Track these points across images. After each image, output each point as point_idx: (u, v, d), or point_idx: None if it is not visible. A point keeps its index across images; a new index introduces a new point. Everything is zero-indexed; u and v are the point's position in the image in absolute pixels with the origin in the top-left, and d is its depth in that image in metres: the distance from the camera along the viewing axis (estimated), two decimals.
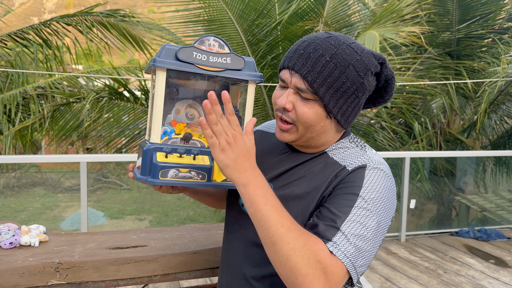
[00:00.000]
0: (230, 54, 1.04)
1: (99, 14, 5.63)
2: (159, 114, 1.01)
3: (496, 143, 6.89)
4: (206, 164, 1.02)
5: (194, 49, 1.00)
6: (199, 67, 1.00)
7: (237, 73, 1.05)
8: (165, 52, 0.99)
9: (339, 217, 0.91)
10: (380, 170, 0.99)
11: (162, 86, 1.00)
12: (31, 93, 5.31)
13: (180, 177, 1.00)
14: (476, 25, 6.63)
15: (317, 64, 0.95)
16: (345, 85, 0.96)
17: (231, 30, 5.87)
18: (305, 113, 0.98)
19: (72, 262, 1.29)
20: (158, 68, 0.99)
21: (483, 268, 3.97)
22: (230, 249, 1.15)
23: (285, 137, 1.02)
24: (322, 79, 0.95)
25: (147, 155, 1.00)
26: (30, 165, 7.10)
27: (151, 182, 0.99)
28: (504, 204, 5.75)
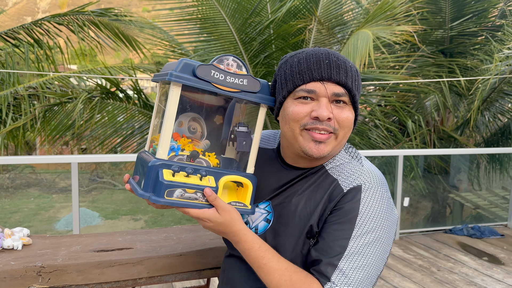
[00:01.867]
0: (247, 76, 1.03)
1: (91, 13, 5.59)
2: (169, 129, 0.98)
3: (490, 140, 6.91)
4: (212, 186, 1.00)
5: (212, 67, 0.99)
6: (216, 86, 0.99)
7: (252, 95, 1.04)
8: (183, 67, 0.97)
9: (337, 253, 0.94)
10: (375, 190, 1.00)
11: (175, 101, 0.97)
12: (22, 93, 5.27)
13: (185, 197, 0.97)
14: (469, 22, 6.64)
15: (348, 70, 0.99)
16: (360, 87, 1.05)
17: (224, 28, 5.85)
18: (349, 117, 1.01)
19: (55, 265, 1.27)
20: (173, 83, 0.96)
21: (477, 266, 3.98)
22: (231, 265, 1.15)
23: (323, 150, 1.01)
24: (355, 84, 1.01)
25: (152, 171, 0.96)
26: (25, 166, 7.06)
27: (154, 201, 0.95)
28: (498, 201, 5.77)
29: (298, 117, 1.00)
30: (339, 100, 1.00)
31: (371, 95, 6.81)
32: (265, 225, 1.08)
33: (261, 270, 0.96)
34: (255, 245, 0.98)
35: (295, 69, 1.01)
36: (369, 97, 6.77)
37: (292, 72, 1.01)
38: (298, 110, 1.00)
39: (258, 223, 1.09)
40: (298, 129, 1.01)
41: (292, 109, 1.01)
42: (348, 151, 1.11)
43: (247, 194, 1.07)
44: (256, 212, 1.11)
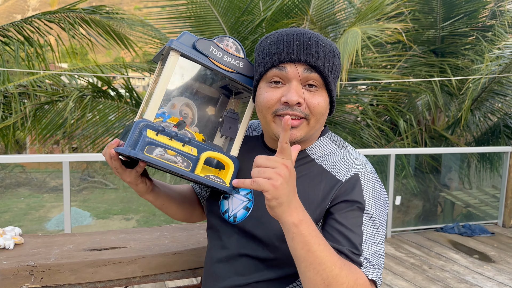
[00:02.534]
0: (244, 60, 1.05)
1: (82, 11, 5.54)
2: (161, 93, 0.98)
3: (480, 139, 6.97)
4: (194, 154, 0.99)
5: (212, 44, 1.01)
6: (212, 62, 1.00)
7: (246, 79, 1.05)
8: (185, 37, 0.99)
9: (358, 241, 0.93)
10: (370, 175, 1.01)
11: (171, 68, 0.98)
12: (12, 91, 5.22)
13: (165, 158, 0.96)
14: (460, 23, 6.69)
15: (319, 50, 0.96)
16: (337, 69, 1.01)
17: (216, 27, 5.84)
18: (320, 103, 0.97)
19: (48, 264, 1.26)
20: (172, 50, 0.97)
21: (468, 263, 4.01)
22: (213, 259, 1.12)
23: (294, 135, 0.98)
24: (327, 64, 0.96)
25: (136, 128, 0.94)
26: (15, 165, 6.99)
27: (134, 154, 0.93)
28: (488, 200, 5.82)
29: (269, 103, 0.98)
30: (311, 84, 0.97)
31: (363, 94, 6.84)
32: (244, 213, 1.05)
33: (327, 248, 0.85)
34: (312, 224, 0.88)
35: (266, 51, 0.99)
36: (361, 96, 6.79)
37: (263, 54, 0.99)
38: (269, 97, 0.98)
39: (237, 211, 1.06)
40: (270, 115, 0.99)
41: (263, 96, 0.99)
42: (333, 140, 1.09)
43: (228, 174, 1.05)
44: (237, 199, 1.08)
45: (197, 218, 1.34)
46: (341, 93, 6.06)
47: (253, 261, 1.03)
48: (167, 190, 1.21)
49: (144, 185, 1.11)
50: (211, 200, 1.16)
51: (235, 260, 1.05)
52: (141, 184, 1.09)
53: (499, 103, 6.91)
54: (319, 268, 0.83)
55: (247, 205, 1.05)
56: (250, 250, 1.03)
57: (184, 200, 1.27)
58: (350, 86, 6.51)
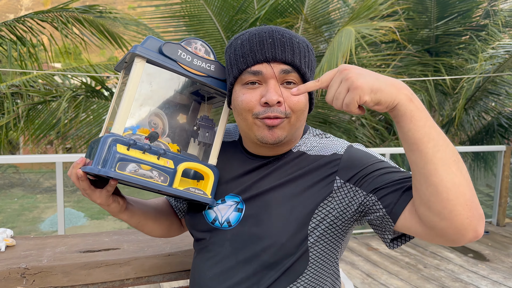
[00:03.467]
0: (215, 62, 0.99)
1: (75, 10, 5.51)
2: (128, 104, 0.90)
3: (474, 138, 7.00)
4: (171, 167, 0.92)
5: (180, 47, 0.93)
6: (182, 66, 0.93)
7: (218, 82, 0.98)
8: (149, 42, 0.92)
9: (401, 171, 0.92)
10: (360, 145, 1.03)
11: (138, 76, 0.90)
12: (5, 91, 5.17)
13: (140, 174, 0.87)
14: (454, 22, 6.72)
15: (294, 46, 0.93)
16: (313, 64, 0.99)
17: (210, 26, 5.83)
18: (299, 100, 0.94)
19: (40, 267, 1.24)
20: (137, 56, 0.90)
21: (462, 262, 4.03)
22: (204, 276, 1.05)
23: (278, 135, 0.94)
24: (303, 60, 0.94)
25: (104, 144, 0.85)
26: (8, 166, 6.94)
27: (104, 173, 0.84)
28: (482, 199, 5.85)
29: (249, 106, 0.93)
30: (289, 81, 0.93)
31: None
32: (237, 215, 1.00)
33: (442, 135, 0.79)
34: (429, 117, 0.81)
35: (239, 52, 0.95)
36: None
37: (236, 56, 0.95)
38: (247, 99, 0.93)
39: (229, 215, 1.01)
40: (251, 118, 0.94)
41: (241, 98, 0.95)
42: (316, 134, 1.08)
43: (208, 185, 0.99)
44: (224, 206, 1.02)
45: (175, 233, 1.28)
46: None
47: (251, 266, 0.98)
48: (142, 207, 1.14)
49: (117, 205, 1.02)
50: (192, 213, 1.10)
51: (232, 271, 1.00)
52: (113, 204, 1.01)
53: (493, 102, 6.94)
54: (447, 142, 0.78)
55: (238, 206, 1.01)
56: (248, 253, 0.98)
57: (160, 215, 1.20)
58: None
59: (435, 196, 0.77)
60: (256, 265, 0.98)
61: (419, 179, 0.78)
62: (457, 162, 0.77)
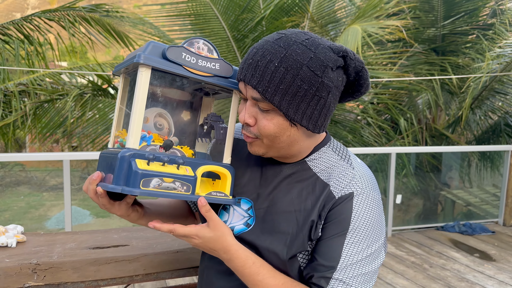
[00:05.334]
0: (219, 60, 0.97)
1: (82, 9, 5.53)
2: (140, 116, 0.88)
3: (481, 138, 6.97)
4: (190, 175, 0.92)
5: (183, 50, 0.92)
6: (188, 70, 0.92)
7: (224, 80, 0.98)
8: (152, 49, 0.89)
9: (332, 266, 0.91)
10: (367, 195, 0.94)
11: (145, 85, 0.88)
12: (12, 89, 5.21)
13: (163, 187, 0.88)
14: (460, 21, 6.68)
15: (266, 72, 0.87)
16: (301, 88, 0.87)
17: (216, 25, 5.84)
18: (266, 126, 0.91)
19: (51, 262, 1.25)
20: (142, 65, 0.87)
21: (468, 262, 4.01)
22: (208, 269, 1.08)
23: (255, 150, 0.97)
24: (274, 87, 0.87)
25: (123, 162, 0.85)
26: (14, 164, 6.97)
27: (128, 192, 0.84)
28: (489, 199, 5.82)
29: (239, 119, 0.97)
30: (262, 106, 0.91)
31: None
32: (243, 228, 1.01)
33: (256, 287, 0.91)
34: (248, 261, 0.92)
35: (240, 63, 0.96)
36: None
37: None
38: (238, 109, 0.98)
39: (236, 225, 1.02)
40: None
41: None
42: (336, 150, 1.02)
43: (226, 185, 1.00)
44: (238, 213, 1.03)
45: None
46: None
47: None
48: (158, 208, 1.16)
49: (136, 213, 1.05)
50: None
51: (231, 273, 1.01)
52: (133, 214, 1.03)
53: (500, 101, 6.91)
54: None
55: (248, 221, 1.01)
56: None
57: (175, 212, 1.22)
58: None
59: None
60: None
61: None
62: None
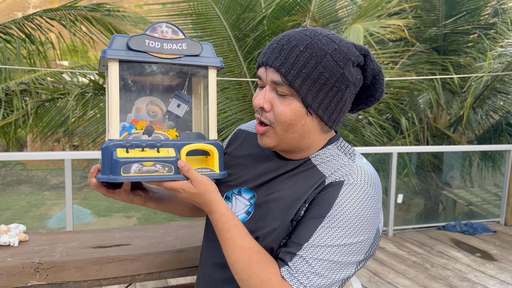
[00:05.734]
0: (186, 40, 0.98)
1: (83, 8, 5.54)
2: (116, 109, 0.94)
3: (482, 137, 6.96)
4: (172, 156, 0.95)
5: (146, 37, 0.94)
6: (154, 55, 0.94)
7: (194, 59, 0.99)
8: (116, 42, 0.93)
9: (299, 243, 0.89)
10: (358, 185, 0.90)
11: (115, 79, 0.93)
12: (14, 89, 5.21)
13: (144, 171, 0.92)
14: (462, 20, 6.67)
15: (291, 55, 0.89)
16: (323, 75, 0.88)
17: (217, 24, 5.83)
18: (283, 111, 0.91)
19: (53, 262, 1.25)
20: (110, 60, 0.92)
21: (470, 262, 4.01)
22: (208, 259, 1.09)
23: (265, 142, 0.96)
24: (296, 70, 0.88)
25: (106, 153, 0.92)
26: (16, 163, 6.98)
27: (113, 180, 0.90)
28: (490, 198, 5.82)
29: (253, 103, 0.96)
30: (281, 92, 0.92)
31: None
32: (244, 217, 1.02)
33: (224, 243, 0.93)
34: (224, 217, 0.94)
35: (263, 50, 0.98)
36: None
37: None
38: (254, 96, 0.97)
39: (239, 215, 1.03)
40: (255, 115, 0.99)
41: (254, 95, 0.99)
42: (341, 148, 1.01)
43: (214, 161, 1.02)
44: (241, 202, 1.04)
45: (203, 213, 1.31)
46: None
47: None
48: (167, 193, 1.19)
49: (140, 198, 1.09)
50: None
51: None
52: (135, 199, 1.08)
53: (501, 101, 6.90)
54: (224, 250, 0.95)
55: (249, 210, 1.02)
56: None
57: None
58: None
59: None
60: None
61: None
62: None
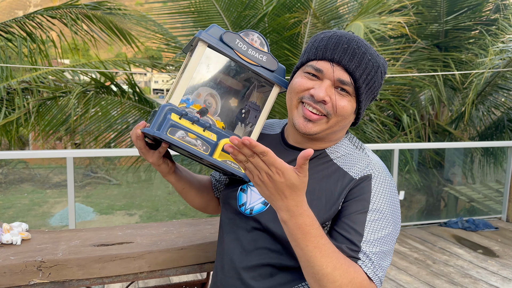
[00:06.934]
0: (268, 54, 1.08)
1: (84, 7, 5.54)
2: (187, 80, 1.04)
3: (484, 134, 6.95)
4: (213, 139, 1.03)
5: (238, 37, 1.06)
6: (237, 54, 1.05)
7: (268, 72, 1.08)
8: (212, 30, 1.05)
9: (357, 239, 0.95)
10: (385, 179, 1.02)
11: (198, 57, 1.03)
12: (15, 87, 5.22)
13: (186, 141, 1.00)
14: (463, 16, 6.65)
15: (363, 61, 0.97)
16: (375, 85, 1.02)
17: (218, 22, 5.82)
18: (345, 106, 0.99)
19: (55, 260, 1.26)
20: (201, 41, 1.03)
21: (471, 258, 4.01)
22: (226, 250, 1.12)
23: (310, 128, 1.01)
24: (365, 76, 0.98)
25: (162, 111, 1.00)
26: (18, 161, 6.99)
27: (157, 134, 0.97)
28: (492, 195, 5.81)
29: (299, 88, 1.01)
30: (343, 89, 0.99)
31: None
32: (261, 207, 1.07)
33: (317, 250, 0.86)
34: (315, 222, 0.88)
35: (316, 44, 1.02)
36: None
37: (312, 46, 1.03)
38: (301, 82, 1.01)
39: (255, 205, 1.08)
40: (295, 100, 1.02)
41: (296, 80, 1.03)
42: (352, 141, 1.11)
43: None
44: (255, 193, 1.10)
45: (212, 210, 1.35)
46: None
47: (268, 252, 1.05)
48: (188, 176, 1.25)
49: (166, 166, 1.15)
50: (228, 192, 1.17)
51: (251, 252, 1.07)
52: (163, 165, 1.14)
53: (503, 97, 6.88)
54: (308, 264, 0.88)
55: (265, 201, 1.07)
56: (264, 243, 1.05)
57: (203, 188, 1.30)
58: None
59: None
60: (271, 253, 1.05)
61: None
62: (316, 281, 0.90)
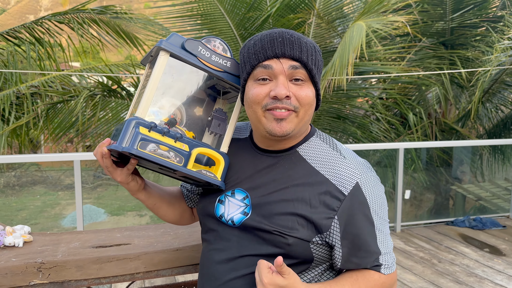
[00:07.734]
0: (231, 59, 1.08)
1: (91, 11, 5.62)
2: (152, 92, 1.01)
3: (492, 131, 6.89)
4: (186, 150, 1.02)
5: (200, 44, 1.05)
6: (201, 61, 1.04)
7: (233, 78, 1.08)
8: (173, 38, 1.03)
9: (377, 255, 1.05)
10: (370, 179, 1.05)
11: (161, 67, 1.01)
12: (25, 92, 5.32)
13: (158, 153, 0.98)
14: (469, 14, 6.60)
15: (302, 46, 0.99)
16: (319, 64, 1.04)
17: (223, 24, 5.87)
18: (307, 94, 1.00)
19: (55, 261, 1.30)
20: (162, 50, 1.01)
21: (478, 257, 4.00)
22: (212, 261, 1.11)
23: (285, 128, 1.00)
24: (311, 58, 1.00)
25: (129, 125, 0.96)
26: (30, 164, 7.10)
27: (127, 150, 0.93)
28: (500, 193, 5.76)
29: (258, 98, 1.00)
30: (297, 78, 0.99)
31: (372, 88, 6.81)
32: (241, 218, 1.05)
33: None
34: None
35: (251, 50, 1.02)
36: (370, 90, 6.76)
37: (249, 54, 1.02)
38: (257, 92, 1.00)
39: (234, 216, 1.07)
40: (260, 110, 1.01)
41: (252, 92, 1.01)
42: (323, 139, 1.11)
43: (219, 169, 1.08)
44: (233, 204, 1.08)
45: (187, 221, 1.35)
46: (350, 87, 6.05)
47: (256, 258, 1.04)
48: (158, 190, 1.23)
49: (136, 183, 1.12)
50: (205, 204, 1.16)
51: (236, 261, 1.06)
52: (132, 182, 1.11)
53: (511, 94, 6.82)
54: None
55: (245, 210, 1.06)
56: (252, 250, 1.05)
57: (174, 201, 1.29)
58: (359, 80, 6.49)
59: None
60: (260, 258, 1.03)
61: None
62: None
